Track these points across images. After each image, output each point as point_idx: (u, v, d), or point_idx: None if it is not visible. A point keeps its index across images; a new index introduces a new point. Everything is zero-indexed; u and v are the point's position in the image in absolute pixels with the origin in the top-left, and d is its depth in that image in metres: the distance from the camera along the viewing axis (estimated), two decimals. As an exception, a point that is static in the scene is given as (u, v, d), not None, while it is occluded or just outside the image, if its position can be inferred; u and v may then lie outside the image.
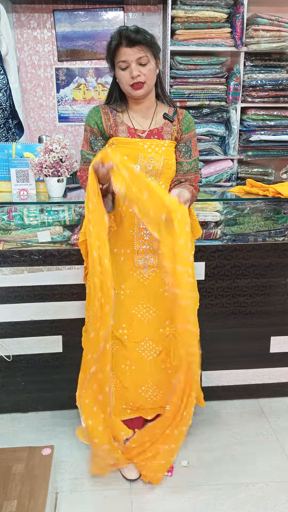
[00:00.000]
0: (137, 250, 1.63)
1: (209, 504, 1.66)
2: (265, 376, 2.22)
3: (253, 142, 2.99)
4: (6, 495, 1.44)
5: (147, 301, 1.67)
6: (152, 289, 1.66)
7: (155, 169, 1.56)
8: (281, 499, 1.68)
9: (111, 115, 1.59)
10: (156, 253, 1.63)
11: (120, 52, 1.48)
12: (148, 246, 1.62)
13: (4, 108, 2.73)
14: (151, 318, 1.68)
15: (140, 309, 1.67)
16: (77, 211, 2.00)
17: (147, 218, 1.42)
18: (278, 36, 2.75)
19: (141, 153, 1.54)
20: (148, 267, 1.65)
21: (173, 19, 2.79)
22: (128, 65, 1.48)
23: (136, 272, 1.65)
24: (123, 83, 1.53)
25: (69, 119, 3.28)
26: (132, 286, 1.66)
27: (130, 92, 1.53)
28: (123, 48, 1.47)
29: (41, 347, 2.05)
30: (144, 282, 1.66)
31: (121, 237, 1.63)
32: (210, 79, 2.86)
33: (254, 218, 2.11)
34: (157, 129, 1.59)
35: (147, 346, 1.70)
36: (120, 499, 1.68)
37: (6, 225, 1.93)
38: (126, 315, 1.67)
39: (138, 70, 1.48)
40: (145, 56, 1.48)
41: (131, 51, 1.47)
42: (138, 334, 1.68)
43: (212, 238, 2.09)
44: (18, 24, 3.06)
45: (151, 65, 1.50)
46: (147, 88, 1.53)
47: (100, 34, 3.13)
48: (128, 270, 1.65)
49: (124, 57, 1.48)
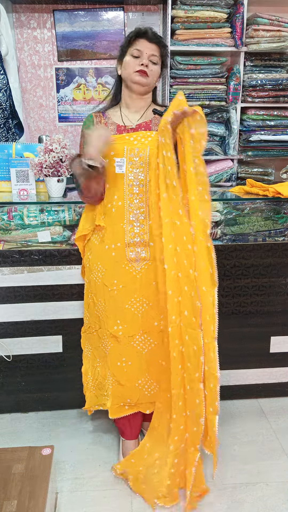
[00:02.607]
0: (128, 243, 1.63)
1: (209, 504, 1.66)
2: (265, 376, 2.22)
3: (253, 142, 2.99)
4: (6, 495, 1.44)
5: (140, 295, 1.66)
6: (145, 283, 1.65)
7: (141, 160, 1.57)
8: (281, 499, 1.68)
9: (102, 119, 1.63)
10: (148, 245, 1.63)
11: (138, 42, 1.56)
12: (139, 238, 1.62)
13: (4, 108, 2.73)
14: (145, 311, 1.67)
15: (134, 303, 1.67)
16: (77, 211, 2.00)
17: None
18: (278, 36, 2.75)
19: (126, 146, 1.57)
20: (140, 260, 1.64)
21: (173, 19, 2.79)
22: (141, 55, 1.56)
23: (128, 265, 1.64)
24: (129, 68, 1.57)
25: (69, 119, 3.29)
26: (125, 281, 1.65)
27: (133, 77, 1.56)
28: (143, 40, 1.56)
29: (41, 347, 2.05)
30: (136, 276, 1.65)
31: (112, 231, 1.63)
32: (210, 79, 2.86)
33: (254, 218, 2.11)
34: (145, 122, 1.63)
35: (142, 340, 1.69)
36: (120, 499, 1.68)
37: (6, 225, 1.93)
38: (120, 311, 1.67)
39: (147, 62, 1.56)
40: (157, 57, 1.58)
41: (149, 45, 1.56)
42: (132, 328, 1.68)
43: (212, 238, 2.09)
44: (18, 24, 3.06)
45: (158, 68, 1.60)
46: (149, 82, 1.58)
47: (100, 34, 3.13)
48: (120, 264, 1.65)
49: (141, 47, 1.55)
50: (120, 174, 1.58)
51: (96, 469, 1.82)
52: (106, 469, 1.82)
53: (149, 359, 1.71)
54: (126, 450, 1.83)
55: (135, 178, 1.58)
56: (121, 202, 1.60)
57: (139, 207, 1.61)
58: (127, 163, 1.57)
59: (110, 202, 1.62)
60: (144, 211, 1.61)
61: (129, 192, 1.59)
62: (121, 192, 1.60)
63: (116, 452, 1.90)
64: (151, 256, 1.63)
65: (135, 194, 1.60)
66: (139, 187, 1.59)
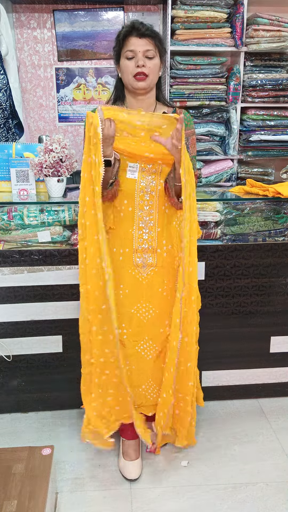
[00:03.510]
0: (135, 249, 1.63)
1: (209, 504, 1.66)
2: (265, 376, 2.22)
3: (253, 142, 2.99)
4: (6, 495, 1.44)
5: (146, 301, 1.67)
6: (151, 289, 1.66)
7: (155, 167, 1.56)
8: (281, 499, 1.68)
9: None
10: (155, 252, 1.63)
11: (129, 42, 1.50)
12: (147, 245, 1.62)
13: (4, 108, 2.73)
14: (151, 317, 1.68)
15: (140, 308, 1.67)
16: (77, 211, 1.99)
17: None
18: (278, 36, 2.75)
19: None
20: (147, 266, 1.65)
21: (173, 19, 2.79)
22: (135, 55, 1.50)
23: (135, 271, 1.65)
24: (127, 73, 1.52)
25: (69, 119, 3.29)
26: (131, 286, 1.66)
27: (133, 83, 1.53)
28: (133, 38, 1.49)
29: (41, 347, 2.05)
30: (143, 281, 1.65)
31: (120, 236, 1.63)
32: (210, 79, 2.86)
33: (254, 218, 2.11)
34: None
35: (147, 346, 1.70)
36: (120, 499, 1.68)
37: (6, 225, 1.93)
38: (125, 315, 1.67)
39: (144, 61, 1.50)
40: (152, 50, 1.50)
41: (140, 42, 1.49)
42: (137, 333, 1.68)
43: (212, 238, 2.09)
44: (18, 24, 3.06)
45: (156, 60, 1.53)
46: (149, 82, 1.53)
47: (100, 34, 3.13)
48: (126, 269, 1.65)
49: (132, 46, 1.49)
50: (132, 179, 1.56)
51: (96, 469, 1.82)
52: (106, 469, 1.82)
53: (154, 366, 1.71)
54: (126, 450, 1.83)
55: (147, 185, 1.57)
56: (131, 208, 1.59)
57: (149, 214, 1.60)
58: (139, 170, 1.55)
59: (119, 205, 1.61)
60: (153, 218, 1.60)
61: (140, 198, 1.58)
62: (132, 198, 1.58)
63: (117, 452, 1.90)
64: (158, 263, 1.63)
65: (145, 201, 1.58)
66: (150, 194, 1.58)
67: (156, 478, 1.78)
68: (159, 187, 1.58)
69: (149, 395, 1.74)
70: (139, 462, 1.81)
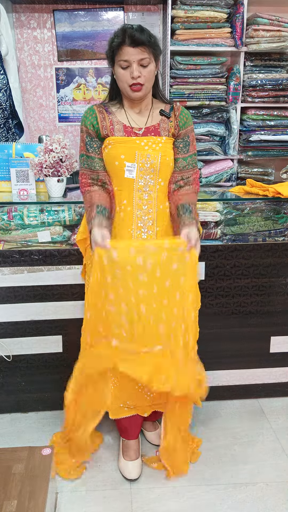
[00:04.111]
0: None
1: (209, 504, 1.66)
2: (265, 376, 2.22)
3: (253, 142, 2.99)
4: (6, 495, 1.44)
5: None
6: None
7: (152, 167, 1.56)
8: (281, 499, 1.68)
9: (106, 115, 1.58)
10: None
11: (122, 51, 1.46)
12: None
13: (4, 108, 2.73)
14: None
15: None
16: (77, 211, 1.99)
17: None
18: (278, 36, 2.75)
19: (138, 151, 1.54)
20: None
21: (173, 19, 2.79)
22: (129, 64, 1.47)
23: None
24: (122, 81, 1.52)
25: (69, 119, 3.29)
26: None
27: (129, 93, 1.53)
28: (126, 47, 1.45)
29: (41, 347, 2.05)
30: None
31: (119, 235, 1.63)
32: (210, 79, 2.86)
33: (254, 218, 2.11)
34: (153, 126, 1.59)
35: None
36: (120, 499, 1.68)
37: (6, 225, 1.93)
38: None
39: (138, 71, 1.47)
40: (147, 57, 1.46)
41: (134, 51, 1.44)
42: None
43: (212, 238, 2.09)
44: (18, 24, 3.06)
45: (151, 67, 1.50)
46: (145, 90, 1.53)
47: (100, 34, 3.13)
48: None
49: (126, 56, 1.46)
50: (130, 179, 1.56)
51: (96, 469, 1.82)
52: (106, 469, 1.82)
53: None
54: (126, 450, 1.83)
55: (145, 184, 1.57)
56: (130, 208, 1.59)
57: (148, 213, 1.60)
58: (137, 169, 1.55)
59: (118, 205, 1.61)
60: (152, 217, 1.60)
61: (138, 198, 1.58)
62: (131, 198, 1.58)
63: (116, 452, 1.90)
64: None
65: (144, 200, 1.58)
66: (149, 193, 1.58)
67: (156, 478, 1.78)
68: (158, 186, 1.58)
69: (146, 394, 1.74)
70: (139, 462, 1.81)
